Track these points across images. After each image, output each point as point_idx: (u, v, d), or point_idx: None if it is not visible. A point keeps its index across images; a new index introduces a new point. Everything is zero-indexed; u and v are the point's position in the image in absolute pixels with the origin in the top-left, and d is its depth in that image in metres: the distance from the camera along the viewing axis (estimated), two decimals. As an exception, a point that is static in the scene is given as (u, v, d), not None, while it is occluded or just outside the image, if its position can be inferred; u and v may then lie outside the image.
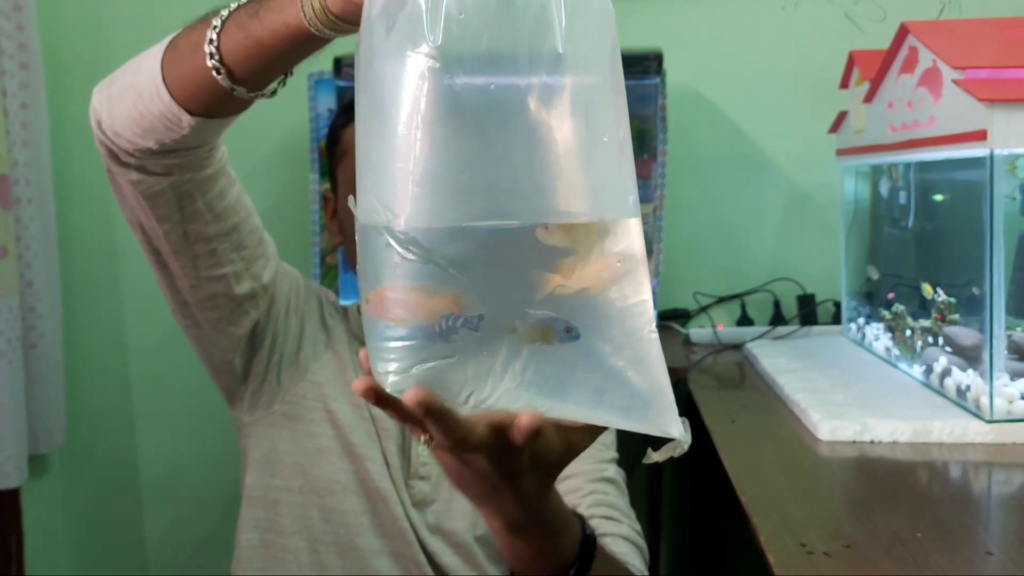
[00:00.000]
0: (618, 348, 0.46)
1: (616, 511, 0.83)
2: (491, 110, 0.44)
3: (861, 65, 1.20)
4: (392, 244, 0.44)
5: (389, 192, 0.44)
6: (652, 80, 1.27)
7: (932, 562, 0.61)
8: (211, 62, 0.59)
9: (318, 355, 0.93)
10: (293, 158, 1.43)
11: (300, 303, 0.94)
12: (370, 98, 0.46)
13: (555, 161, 0.44)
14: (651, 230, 1.29)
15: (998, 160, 0.84)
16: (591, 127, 0.46)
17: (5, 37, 1.35)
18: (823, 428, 0.91)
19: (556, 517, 0.60)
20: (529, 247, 0.44)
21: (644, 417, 0.47)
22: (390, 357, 0.46)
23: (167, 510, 1.59)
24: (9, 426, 1.29)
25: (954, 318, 0.98)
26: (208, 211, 0.76)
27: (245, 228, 0.81)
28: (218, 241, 0.79)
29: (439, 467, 0.89)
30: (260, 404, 0.91)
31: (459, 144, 0.44)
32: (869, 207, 1.29)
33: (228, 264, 0.81)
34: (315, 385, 0.91)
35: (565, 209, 0.45)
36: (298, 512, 0.90)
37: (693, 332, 1.46)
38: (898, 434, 0.89)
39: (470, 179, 0.44)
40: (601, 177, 0.46)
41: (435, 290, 0.45)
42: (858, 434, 0.89)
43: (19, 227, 1.36)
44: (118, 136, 0.68)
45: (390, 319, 0.46)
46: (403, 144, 0.44)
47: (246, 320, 0.86)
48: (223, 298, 0.83)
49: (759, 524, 0.68)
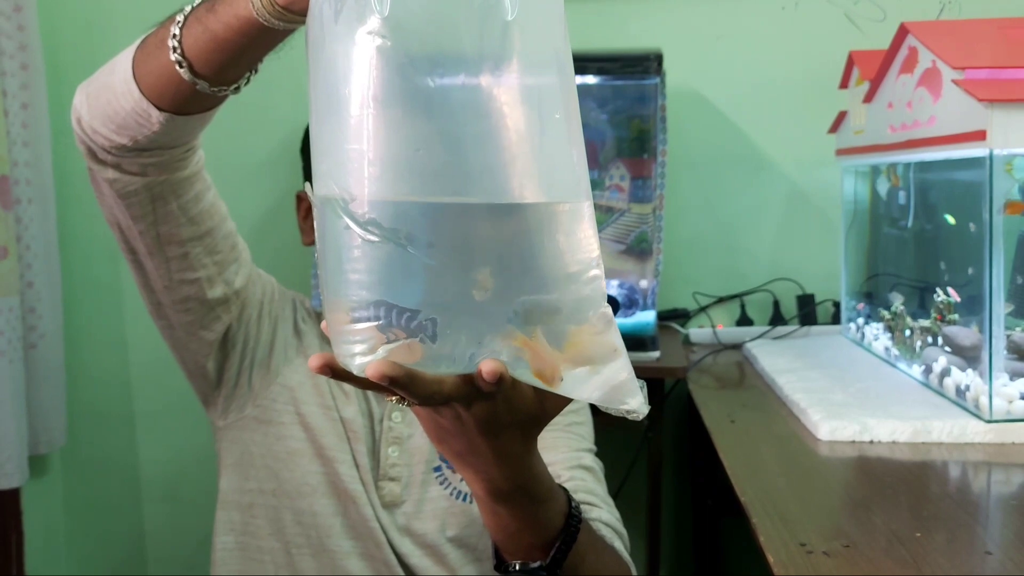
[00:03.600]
0: (576, 323, 0.47)
1: (595, 497, 0.83)
2: (442, 87, 0.44)
3: (861, 65, 1.20)
4: (351, 226, 0.44)
5: (345, 173, 0.45)
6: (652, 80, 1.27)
7: (931, 562, 0.61)
8: (174, 56, 0.59)
9: (289, 359, 0.93)
10: (292, 160, 1.43)
11: (273, 308, 0.94)
12: (323, 83, 0.46)
13: (505, 139, 0.45)
14: (651, 230, 1.28)
15: (997, 160, 0.84)
16: (542, 105, 0.46)
17: (5, 37, 1.35)
18: (823, 428, 0.91)
19: (539, 484, 0.59)
20: (488, 226, 0.45)
21: (598, 388, 0.48)
22: (355, 339, 0.46)
23: (168, 510, 1.59)
24: (9, 426, 1.29)
25: (953, 318, 0.98)
26: (182, 214, 0.77)
27: (219, 233, 0.82)
28: (191, 244, 0.79)
29: (409, 469, 0.90)
30: (233, 408, 0.92)
31: (412, 122, 0.44)
32: (869, 207, 1.29)
33: (201, 268, 0.81)
34: (286, 389, 0.92)
35: (516, 190, 0.45)
36: (272, 515, 0.90)
37: (693, 332, 1.46)
38: (897, 434, 0.89)
39: (425, 156, 0.44)
40: (555, 159, 0.47)
41: (396, 269, 0.45)
42: (857, 434, 0.89)
43: (19, 227, 1.36)
44: (95, 133, 0.68)
45: (352, 301, 0.45)
46: (357, 125, 0.44)
47: (218, 325, 0.87)
48: (195, 302, 0.83)
49: (759, 524, 0.68)
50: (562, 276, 0.47)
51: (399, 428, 0.91)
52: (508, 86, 0.45)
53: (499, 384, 0.47)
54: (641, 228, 1.28)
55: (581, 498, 0.80)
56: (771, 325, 1.43)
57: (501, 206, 0.45)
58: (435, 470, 0.91)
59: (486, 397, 0.49)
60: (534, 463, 0.58)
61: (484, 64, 0.44)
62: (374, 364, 0.45)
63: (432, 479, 0.91)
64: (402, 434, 0.91)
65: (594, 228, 0.48)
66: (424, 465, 0.91)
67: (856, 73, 1.23)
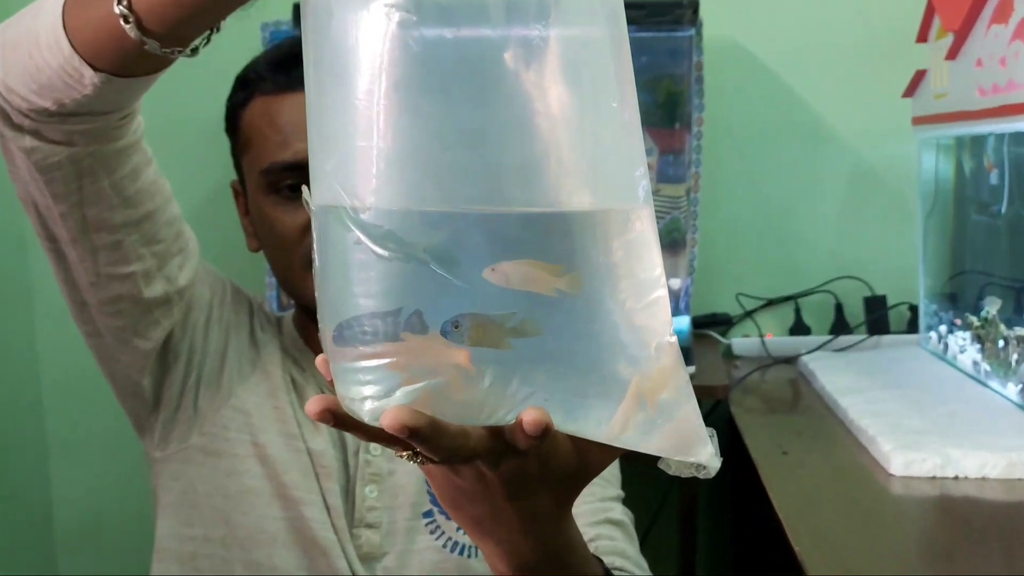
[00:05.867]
0: (632, 358, 0.47)
1: (626, 560, 0.83)
2: (477, 72, 0.44)
3: (943, 13, 1.20)
4: (363, 240, 0.45)
5: (355, 176, 0.45)
6: (685, 32, 1.27)
7: (1029, 625, 0.61)
8: (119, 8, 0.58)
9: (244, 376, 0.93)
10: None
11: (225, 312, 0.94)
12: (327, 66, 0.46)
13: (553, 135, 0.45)
14: (684, 216, 1.29)
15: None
16: (597, 92, 0.47)
17: None
18: (896, 461, 0.91)
19: (573, 554, 0.59)
20: (533, 241, 0.45)
21: (664, 438, 0.48)
22: (366, 379, 0.46)
23: (88, 562, 1.59)
24: None
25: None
26: (115, 193, 0.76)
27: (160, 218, 0.81)
28: (125, 232, 0.79)
29: (391, 513, 0.90)
30: (174, 436, 0.92)
31: (440, 115, 0.44)
32: (953, 189, 1.29)
33: (137, 261, 0.81)
34: (240, 413, 0.92)
35: (567, 196, 0.46)
36: (220, 568, 0.90)
37: (736, 342, 1.46)
38: (988, 468, 0.89)
39: (456, 156, 0.44)
40: (608, 157, 0.47)
41: (419, 293, 0.45)
42: (939, 468, 0.90)
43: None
44: (10, 92, 0.67)
45: (364, 331, 0.46)
46: (372, 117, 0.44)
47: (156, 331, 0.86)
48: (129, 302, 0.83)
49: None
50: None
51: (379, 463, 0.91)
52: (556, 71, 0.45)
53: (541, 438, 0.47)
54: (672, 214, 1.28)
55: (610, 562, 0.80)
56: (832, 334, 1.43)
57: (549, 216, 0.46)
58: (424, 515, 0.91)
59: (517, 454, 0.49)
60: (568, 527, 0.58)
61: (528, 45, 0.44)
62: (391, 411, 0.45)
63: (420, 526, 0.91)
64: (382, 470, 0.91)
65: (656, 239, 0.48)
66: (410, 509, 0.91)
67: (937, 24, 1.23)
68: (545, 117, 0.45)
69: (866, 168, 1.49)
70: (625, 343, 0.47)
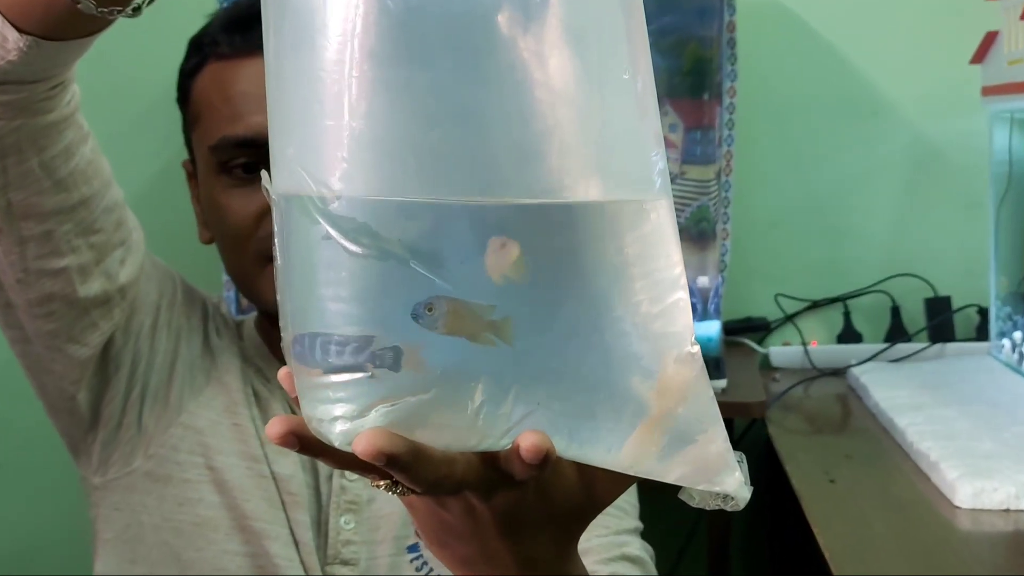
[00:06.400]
0: (647, 372, 0.47)
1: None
2: (468, 40, 0.44)
3: (1018, -35, 1.20)
4: (332, 235, 0.45)
5: (324, 161, 0.45)
6: (716, -13, 1.27)
7: None
8: None
9: (198, 389, 0.93)
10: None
11: (175, 314, 0.94)
12: (289, 32, 0.46)
13: (556, 113, 0.45)
14: (714, 203, 1.28)
15: None
16: (604, 63, 0.46)
17: None
18: (962, 490, 0.91)
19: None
20: (531, 236, 0.45)
21: (685, 464, 0.48)
22: (336, 396, 0.46)
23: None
24: None
25: None
26: (46, 175, 0.76)
27: (98, 204, 0.82)
28: (57, 220, 0.79)
29: (370, 548, 0.90)
30: (114, 459, 0.92)
31: (424, 89, 0.44)
32: (1029, 170, 1.29)
33: (71, 254, 0.81)
34: (192, 431, 0.92)
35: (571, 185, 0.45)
36: None
37: (774, 351, 1.46)
38: (1071, 500, 0.89)
39: (442, 138, 0.44)
40: (618, 138, 0.47)
41: (399, 296, 0.45)
42: (1012, 499, 0.90)
43: None
44: None
45: (333, 341, 0.46)
46: (342, 92, 0.44)
47: (94, 336, 0.86)
48: (62, 302, 0.83)
49: (869, 631, 0.69)
50: None
51: (356, 489, 0.91)
52: (557, 36, 0.45)
53: (541, 467, 0.47)
54: (700, 201, 1.28)
55: None
56: (888, 342, 1.43)
57: (549, 208, 0.46)
58: (409, 550, 0.92)
59: (513, 485, 0.49)
60: (573, 569, 0.58)
61: (525, 5, 0.44)
62: (366, 435, 0.45)
63: (404, 562, 0.91)
64: (360, 498, 0.91)
65: (675, 233, 0.48)
66: (393, 543, 0.91)
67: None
68: (545, 91, 0.45)
69: (928, 147, 1.49)
70: (639, 354, 0.47)
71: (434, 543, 0.56)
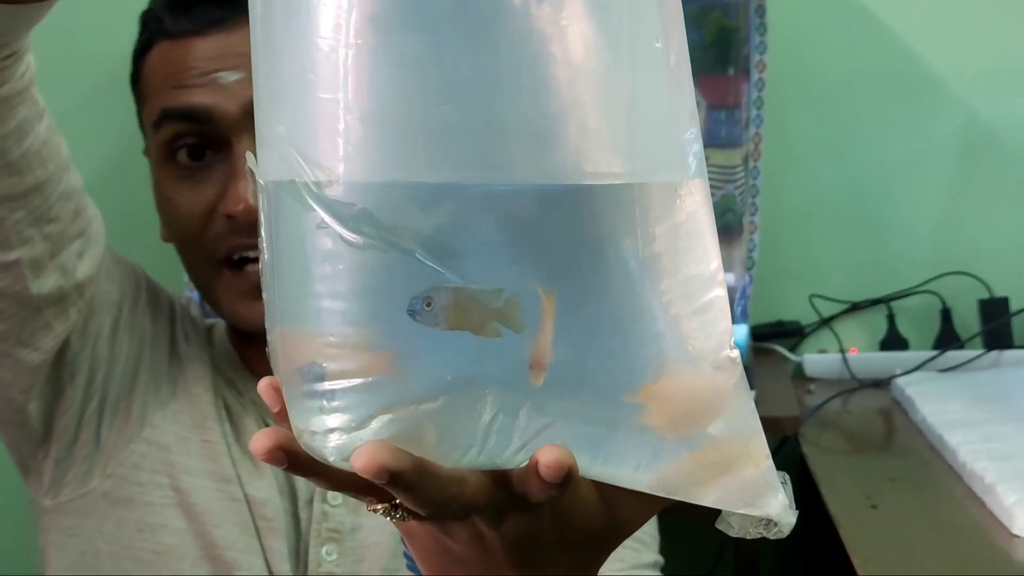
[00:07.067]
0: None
1: None
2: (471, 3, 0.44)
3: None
4: (328, 222, 0.45)
5: (318, 140, 0.45)
6: (742, -52, 1.28)
7: None
8: None
9: (163, 400, 0.94)
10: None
11: (139, 316, 0.95)
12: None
13: (577, 86, 0.45)
14: (740, 192, 1.29)
15: None
16: (634, 31, 0.46)
17: None
18: (1021, 517, 0.91)
19: None
20: (540, 223, 0.45)
21: (723, 485, 0.48)
22: (331, 406, 0.46)
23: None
24: None
25: None
26: None
27: (54, 190, 0.82)
28: (8, 207, 0.79)
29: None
30: (69, 478, 0.92)
31: (429, 59, 0.44)
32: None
33: (22, 245, 0.81)
34: (157, 448, 0.92)
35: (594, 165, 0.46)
36: None
37: (809, 359, 1.46)
38: None
39: (451, 113, 0.44)
40: (648, 114, 0.47)
41: (402, 292, 0.45)
42: (1078, 526, 0.91)
43: None
44: None
45: (328, 343, 0.46)
46: (337, 63, 0.44)
47: (47, 339, 0.87)
48: (10, 300, 0.83)
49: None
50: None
51: (339, 515, 0.91)
52: (579, 2, 0.45)
53: (562, 487, 0.46)
54: (725, 189, 1.29)
55: None
56: (937, 349, 1.43)
57: (570, 192, 0.45)
58: (399, 583, 0.92)
59: (527, 508, 0.49)
60: None
61: None
62: (366, 448, 0.44)
63: (393, 597, 0.92)
64: (343, 525, 0.91)
65: (711, 222, 0.49)
66: (379, 575, 0.92)
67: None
68: (566, 60, 0.45)
69: (982, 130, 1.50)
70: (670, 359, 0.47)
71: (433, 573, 0.56)
